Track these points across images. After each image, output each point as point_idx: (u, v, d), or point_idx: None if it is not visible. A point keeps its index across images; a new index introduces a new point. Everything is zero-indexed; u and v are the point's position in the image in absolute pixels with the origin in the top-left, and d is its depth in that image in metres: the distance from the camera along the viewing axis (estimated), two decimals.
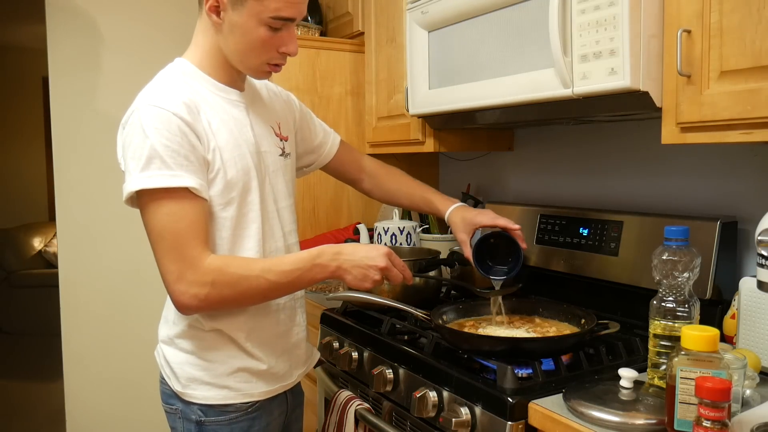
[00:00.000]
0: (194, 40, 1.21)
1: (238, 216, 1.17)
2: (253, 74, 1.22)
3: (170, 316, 1.23)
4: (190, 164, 1.08)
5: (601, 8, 1.16)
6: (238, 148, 1.17)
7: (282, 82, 2.10)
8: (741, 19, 1.01)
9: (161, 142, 1.06)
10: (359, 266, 1.16)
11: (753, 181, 1.39)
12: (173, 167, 1.06)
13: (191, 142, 1.09)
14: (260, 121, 1.27)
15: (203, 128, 1.12)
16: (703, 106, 1.07)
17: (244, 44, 1.14)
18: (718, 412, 0.80)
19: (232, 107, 1.20)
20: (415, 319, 1.44)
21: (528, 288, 1.77)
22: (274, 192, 1.26)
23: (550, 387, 1.12)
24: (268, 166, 1.25)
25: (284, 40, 1.16)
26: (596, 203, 1.76)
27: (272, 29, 1.13)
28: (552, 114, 1.39)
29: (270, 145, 1.27)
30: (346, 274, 1.16)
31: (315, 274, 1.14)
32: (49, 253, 5.20)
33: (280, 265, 1.13)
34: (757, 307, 1.21)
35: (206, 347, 1.19)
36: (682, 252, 1.07)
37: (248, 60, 1.17)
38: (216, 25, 1.15)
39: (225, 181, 1.14)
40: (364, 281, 1.17)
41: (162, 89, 1.12)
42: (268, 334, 1.23)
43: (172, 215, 1.06)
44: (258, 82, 1.35)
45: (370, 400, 1.44)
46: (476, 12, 1.48)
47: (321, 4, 2.41)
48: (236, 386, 1.20)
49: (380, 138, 2.08)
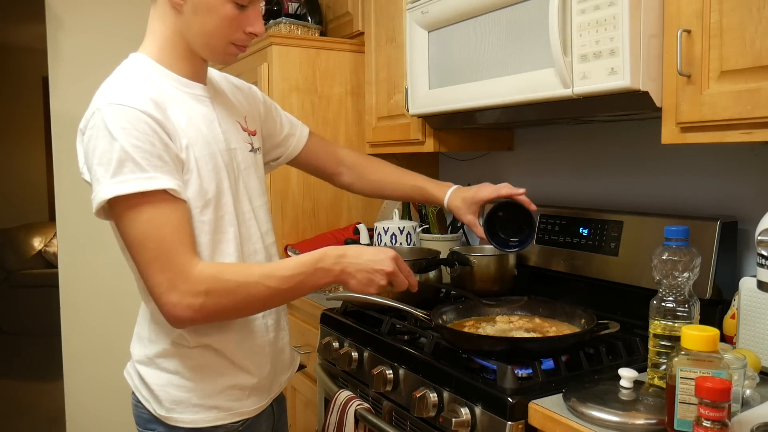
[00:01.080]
0: (149, 30, 1.12)
1: (215, 219, 1.09)
2: (218, 57, 1.13)
3: (146, 333, 1.14)
4: (165, 164, 0.99)
5: (601, 8, 1.16)
6: (208, 146, 1.09)
7: (282, 82, 2.10)
8: (741, 18, 1.01)
9: (131, 142, 0.96)
10: (364, 270, 1.09)
11: (753, 181, 1.39)
12: (148, 169, 0.97)
13: (163, 141, 1.00)
14: (226, 116, 1.19)
15: (173, 126, 1.04)
16: (703, 106, 1.07)
17: (210, 23, 1.07)
18: (718, 412, 0.80)
19: (197, 103, 1.12)
20: (415, 319, 1.44)
21: (528, 288, 1.77)
22: (248, 191, 1.19)
23: (550, 387, 1.12)
24: (240, 163, 1.18)
25: (251, 19, 1.09)
26: (596, 203, 1.76)
27: (239, 6, 1.06)
28: (552, 114, 1.39)
29: (239, 141, 1.19)
30: (350, 278, 1.09)
31: (318, 278, 1.07)
32: (49, 253, 5.21)
33: (280, 270, 1.05)
34: (757, 307, 1.21)
35: (193, 366, 1.10)
36: (682, 252, 1.07)
37: (214, 41, 1.09)
38: (176, 7, 1.06)
39: (199, 182, 1.06)
40: (369, 286, 1.10)
41: (123, 86, 1.02)
42: (258, 342, 1.17)
43: (152, 221, 0.97)
44: (219, 76, 1.27)
45: (370, 400, 1.44)
46: (476, 12, 1.48)
47: (321, 4, 2.41)
48: (226, 405, 1.12)
49: (380, 138, 2.08)
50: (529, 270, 1.79)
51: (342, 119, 2.22)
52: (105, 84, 1.04)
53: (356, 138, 2.24)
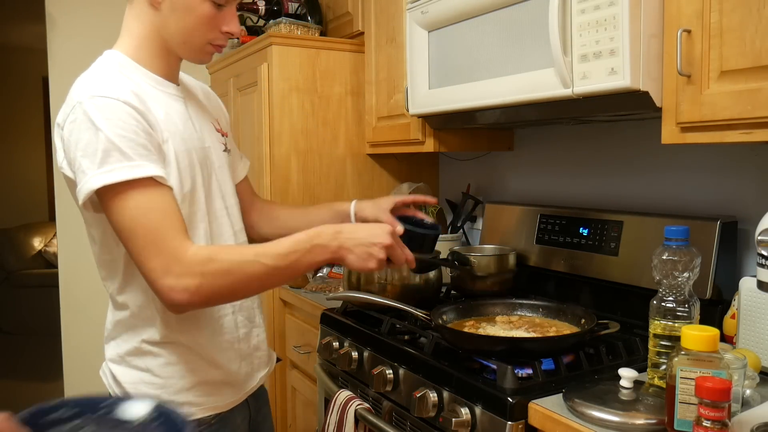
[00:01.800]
0: (125, 28, 1.13)
1: (188, 215, 1.10)
2: (195, 56, 1.15)
3: (117, 332, 1.15)
4: (150, 153, 1.01)
5: (601, 8, 1.16)
6: (185, 142, 1.11)
7: (282, 82, 2.10)
8: (741, 18, 1.01)
9: (116, 132, 0.98)
10: (362, 244, 1.06)
11: (753, 181, 1.39)
12: (134, 158, 0.98)
13: (147, 131, 1.02)
14: (200, 116, 1.22)
15: (154, 118, 1.06)
16: (703, 105, 1.07)
17: (187, 22, 1.09)
18: (718, 412, 0.80)
19: (172, 101, 1.14)
20: (415, 319, 1.44)
21: (528, 288, 1.77)
22: (221, 189, 1.20)
23: (550, 387, 1.12)
24: (214, 162, 1.19)
25: (227, 18, 1.12)
26: (596, 203, 1.76)
27: (216, 5, 1.09)
28: (552, 114, 1.39)
29: (213, 141, 1.22)
30: (348, 253, 1.07)
31: (315, 255, 1.05)
32: (49, 253, 5.20)
33: (276, 248, 1.04)
34: (757, 307, 1.21)
35: (163, 363, 1.11)
36: (682, 252, 1.07)
37: (192, 39, 1.11)
38: (155, 5, 1.08)
39: (178, 176, 1.08)
40: (368, 261, 1.07)
41: (103, 80, 1.04)
42: (227, 338, 1.17)
43: (140, 208, 0.98)
44: (192, 81, 1.30)
45: (370, 400, 1.44)
46: (476, 12, 1.48)
47: (321, 4, 2.41)
48: (197, 401, 1.13)
49: (380, 138, 2.08)
50: (529, 270, 1.79)
51: (342, 119, 2.22)
52: (81, 79, 1.05)
53: (356, 138, 2.24)
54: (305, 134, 2.15)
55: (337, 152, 2.22)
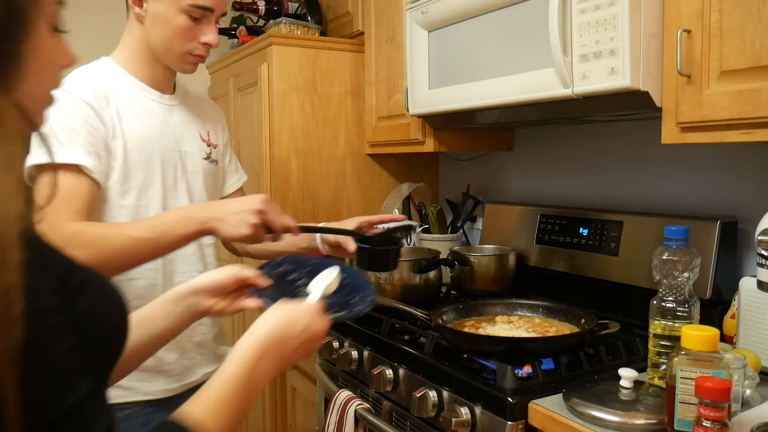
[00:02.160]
0: (121, 41, 1.28)
1: (136, 206, 1.21)
2: (178, 65, 1.28)
3: None
4: (88, 145, 1.13)
5: (601, 8, 1.16)
6: (147, 141, 1.23)
7: (282, 82, 2.10)
8: (741, 18, 1.01)
9: (61, 121, 1.11)
10: (233, 213, 1.08)
11: (753, 181, 1.39)
12: (66, 145, 1.11)
13: (93, 125, 1.15)
14: (188, 123, 1.34)
15: (110, 116, 1.19)
16: (703, 105, 1.07)
17: (166, 33, 1.21)
18: (718, 412, 0.80)
19: (153, 106, 1.28)
20: (415, 319, 1.44)
21: (528, 288, 1.77)
22: (189, 191, 1.31)
23: (550, 387, 1.12)
24: (187, 165, 1.31)
25: (204, 30, 1.23)
26: (596, 203, 1.76)
27: (192, 18, 1.21)
28: (552, 114, 1.39)
29: (193, 147, 1.33)
30: (220, 223, 1.08)
31: (184, 228, 1.08)
32: None
33: (145, 222, 1.12)
34: (757, 307, 1.21)
35: None
36: (682, 252, 1.07)
37: (172, 49, 1.24)
38: (139, 17, 1.22)
39: (125, 170, 1.19)
40: (240, 228, 1.07)
41: (76, 78, 1.18)
42: None
43: (51, 186, 1.04)
44: (195, 95, 1.42)
45: (370, 400, 1.44)
46: (476, 12, 1.48)
47: (321, 4, 2.40)
48: (128, 384, 1.17)
49: (380, 138, 2.08)
50: (529, 270, 1.79)
51: (342, 119, 2.22)
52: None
53: (356, 138, 2.24)
54: (305, 134, 2.15)
55: (337, 152, 2.21)
